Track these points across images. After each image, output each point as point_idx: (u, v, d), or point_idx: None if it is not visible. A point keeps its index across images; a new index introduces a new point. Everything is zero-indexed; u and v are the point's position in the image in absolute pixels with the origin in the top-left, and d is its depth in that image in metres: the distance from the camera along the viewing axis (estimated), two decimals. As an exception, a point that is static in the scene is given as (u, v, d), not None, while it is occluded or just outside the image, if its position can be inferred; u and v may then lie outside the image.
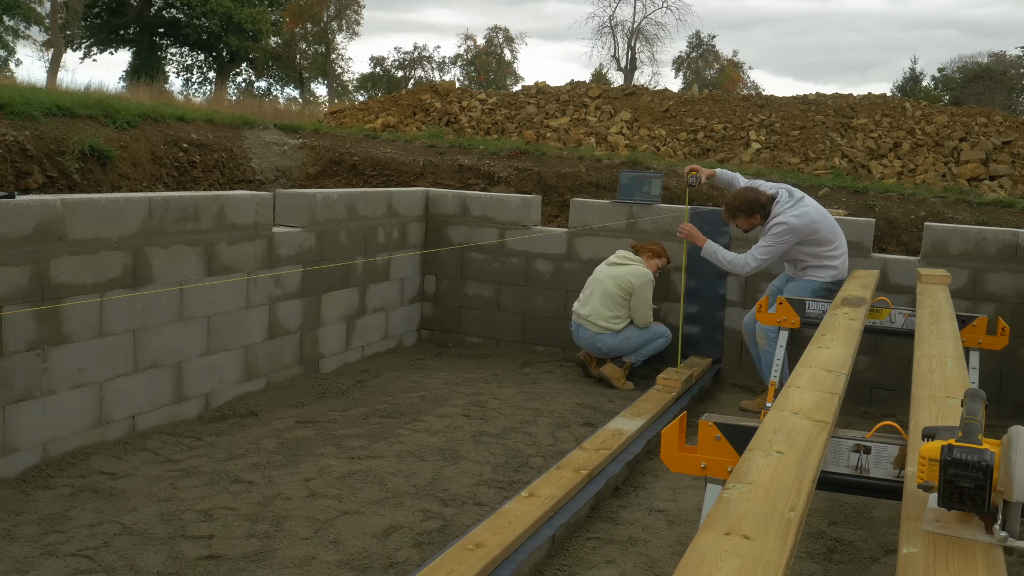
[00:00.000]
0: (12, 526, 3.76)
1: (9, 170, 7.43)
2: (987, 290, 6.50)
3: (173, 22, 35.84)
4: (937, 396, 2.78)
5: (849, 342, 3.62)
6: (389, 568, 3.57)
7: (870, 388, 6.75)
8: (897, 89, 41.80)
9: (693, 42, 49.82)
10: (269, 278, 5.90)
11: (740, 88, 41.63)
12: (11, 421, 4.25)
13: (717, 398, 6.65)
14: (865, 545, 4.09)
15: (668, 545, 3.96)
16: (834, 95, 13.92)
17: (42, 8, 32.27)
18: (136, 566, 3.49)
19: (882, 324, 5.21)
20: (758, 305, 5.67)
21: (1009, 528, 1.72)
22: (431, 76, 47.85)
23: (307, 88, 43.42)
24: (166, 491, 4.22)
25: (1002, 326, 5.11)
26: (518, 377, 6.77)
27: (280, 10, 39.74)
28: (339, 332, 6.76)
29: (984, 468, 1.71)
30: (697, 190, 7.75)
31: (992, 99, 33.03)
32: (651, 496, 4.56)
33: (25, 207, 4.25)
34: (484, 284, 7.76)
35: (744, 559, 1.61)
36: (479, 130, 13.63)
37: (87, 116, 8.49)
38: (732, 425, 2.67)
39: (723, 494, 1.93)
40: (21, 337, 4.27)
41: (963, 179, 10.99)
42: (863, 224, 6.82)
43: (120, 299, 4.77)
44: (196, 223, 5.24)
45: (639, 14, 46.35)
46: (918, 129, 12.28)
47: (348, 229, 6.69)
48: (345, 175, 10.69)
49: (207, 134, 9.86)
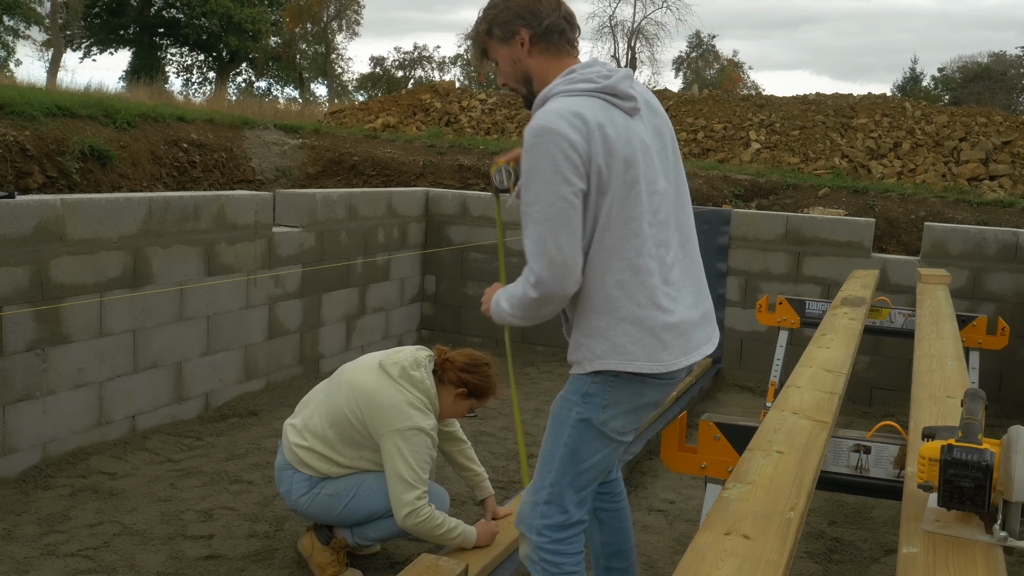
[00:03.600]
0: (12, 526, 3.76)
1: (9, 170, 7.43)
2: (987, 290, 6.50)
3: (173, 22, 35.82)
4: (937, 396, 2.78)
5: (849, 342, 3.62)
6: (389, 568, 3.57)
7: (870, 388, 6.75)
8: (897, 89, 41.81)
9: (693, 42, 49.82)
10: (269, 278, 5.90)
11: (740, 88, 41.63)
12: (11, 421, 4.25)
13: (717, 398, 6.65)
14: (865, 545, 4.09)
15: (668, 545, 3.96)
16: (834, 95, 13.93)
17: (42, 8, 32.27)
18: (136, 566, 3.49)
19: (882, 324, 5.21)
20: (758, 305, 5.67)
21: (1009, 528, 1.72)
22: (431, 76, 47.86)
23: (307, 88, 43.42)
24: (166, 491, 4.22)
25: (1002, 326, 5.12)
26: (518, 377, 6.77)
27: (280, 10, 39.72)
28: (339, 332, 6.76)
29: (984, 468, 1.71)
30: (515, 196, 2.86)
31: (992, 99, 33.03)
32: (651, 496, 4.56)
33: (25, 207, 4.25)
34: (484, 284, 7.76)
35: (744, 559, 1.61)
36: (479, 130, 13.63)
37: (87, 116, 8.49)
38: (732, 425, 2.67)
39: (723, 494, 1.93)
40: (21, 337, 4.27)
41: (963, 179, 10.99)
42: (863, 224, 6.82)
43: (120, 299, 4.77)
44: (196, 223, 5.24)
45: (639, 14, 46.34)
46: (918, 129, 12.28)
47: (348, 229, 6.69)
48: (345, 175, 10.69)
49: (207, 134, 9.86)
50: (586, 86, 2.28)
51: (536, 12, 2.38)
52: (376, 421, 3.20)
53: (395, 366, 3.28)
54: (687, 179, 2.56)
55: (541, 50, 2.41)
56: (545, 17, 2.38)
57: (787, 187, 9.86)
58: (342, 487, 3.30)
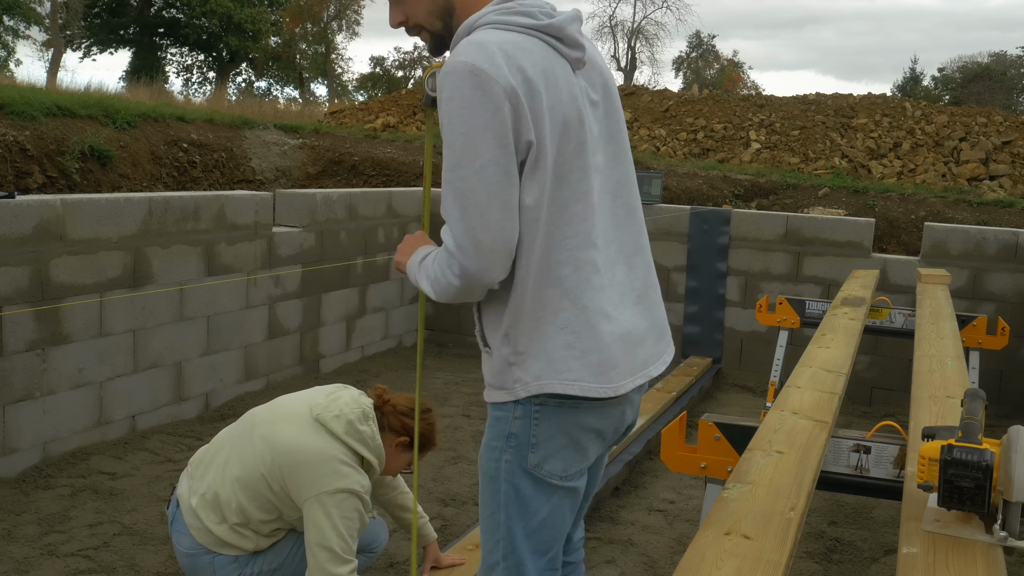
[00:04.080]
0: (12, 526, 3.76)
1: (9, 170, 7.43)
2: (987, 290, 6.50)
3: (173, 22, 35.81)
4: (937, 396, 2.78)
5: (849, 342, 3.62)
6: (389, 568, 3.57)
7: (870, 388, 6.75)
8: (897, 89, 41.81)
9: (693, 42, 49.82)
10: (269, 278, 5.90)
11: (740, 88, 41.62)
12: (11, 421, 4.25)
13: (717, 398, 6.65)
14: (865, 545, 4.09)
15: (668, 545, 3.96)
16: (834, 95, 13.93)
17: (42, 8, 32.26)
18: (136, 566, 3.49)
19: (882, 324, 5.21)
20: (758, 305, 5.67)
21: (1009, 528, 1.72)
22: (431, 76, 47.76)
23: (307, 88, 43.42)
24: (166, 491, 4.22)
25: (1002, 326, 5.12)
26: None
27: (280, 10, 39.71)
28: (339, 332, 6.76)
29: (984, 468, 1.71)
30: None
31: (992, 99, 33.03)
32: (651, 496, 4.56)
33: (25, 207, 4.25)
34: (484, 284, 7.76)
35: (744, 559, 1.61)
36: (479, 130, 13.61)
37: (87, 116, 8.49)
38: (732, 425, 2.67)
39: (723, 494, 1.93)
40: (21, 337, 4.27)
41: (963, 179, 10.99)
42: (863, 224, 6.82)
43: (120, 299, 4.77)
44: (196, 223, 5.24)
45: (639, 14, 46.36)
46: (918, 129, 12.28)
47: (348, 229, 6.69)
48: (345, 175, 10.69)
49: (207, 134, 9.85)
50: (525, 21, 1.75)
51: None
52: (300, 483, 2.57)
53: (338, 420, 2.64)
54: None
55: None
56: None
57: (787, 187, 9.86)
58: (280, 557, 2.74)
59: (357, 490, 2.58)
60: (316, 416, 2.65)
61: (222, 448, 2.74)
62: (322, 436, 2.61)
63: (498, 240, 1.69)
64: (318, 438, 2.60)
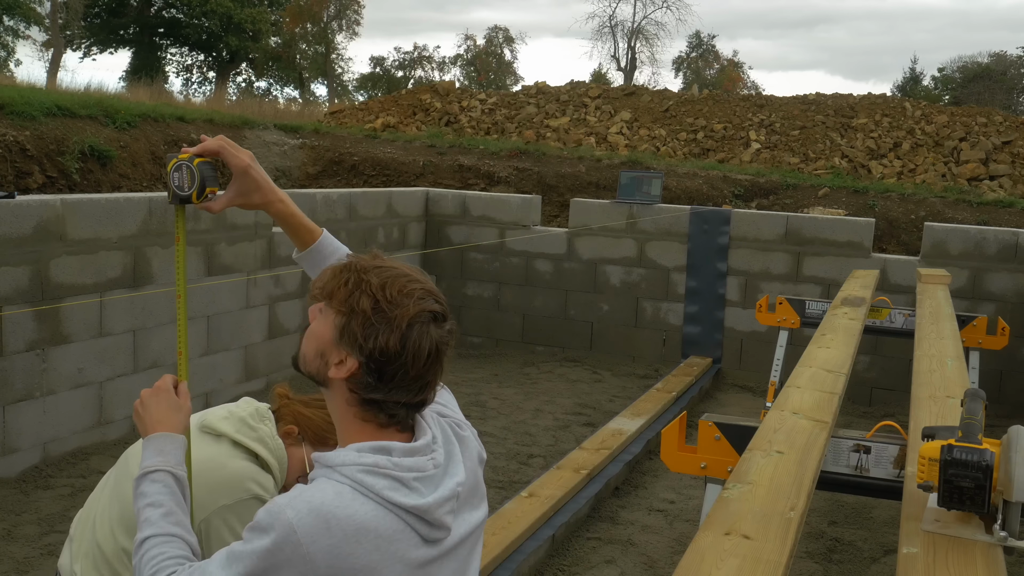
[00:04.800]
0: (12, 526, 3.76)
1: (9, 170, 7.43)
2: (987, 290, 6.50)
3: (173, 22, 35.82)
4: (937, 396, 2.78)
5: (849, 342, 3.62)
6: None
7: (870, 388, 6.75)
8: (897, 89, 41.81)
9: (693, 42, 49.82)
10: (269, 278, 5.90)
11: (740, 88, 41.63)
12: (11, 421, 4.25)
13: (717, 398, 6.65)
14: (865, 545, 4.09)
15: (668, 545, 3.96)
16: (834, 95, 13.93)
17: (42, 8, 32.27)
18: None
19: (882, 324, 5.21)
20: (758, 305, 5.68)
21: (1009, 528, 1.72)
22: (431, 76, 47.87)
23: (307, 88, 43.42)
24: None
25: (1002, 326, 5.12)
26: (518, 377, 6.77)
27: (280, 10, 39.73)
28: (339, 332, 6.75)
29: (984, 468, 1.71)
30: (203, 208, 1.87)
31: (992, 99, 33.03)
32: (651, 496, 4.56)
33: (25, 207, 4.25)
34: (484, 284, 7.76)
35: (744, 559, 1.61)
36: (479, 130, 13.63)
37: (87, 116, 8.49)
38: (732, 425, 2.67)
39: (723, 494, 1.93)
40: (21, 337, 4.27)
41: (963, 179, 10.99)
42: (863, 224, 6.82)
43: (120, 299, 4.77)
44: (196, 223, 5.24)
45: (639, 14, 46.33)
46: (918, 129, 12.28)
47: (348, 229, 6.69)
48: (345, 175, 10.70)
49: (207, 134, 9.85)
50: (392, 493, 1.33)
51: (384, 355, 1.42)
52: (194, 503, 1.93)
53: (227, 420, 2.19)
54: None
55: (359, 401, 1.44)
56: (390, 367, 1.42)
57: (787, 187, 9.86)
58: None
59: (261, 495, 2.08)
60: (201, 425, 2.18)
61: (99, 497, 2.20)
62: (208, 443, 2.14)
63: None
64: (204, 447, 2.11)
